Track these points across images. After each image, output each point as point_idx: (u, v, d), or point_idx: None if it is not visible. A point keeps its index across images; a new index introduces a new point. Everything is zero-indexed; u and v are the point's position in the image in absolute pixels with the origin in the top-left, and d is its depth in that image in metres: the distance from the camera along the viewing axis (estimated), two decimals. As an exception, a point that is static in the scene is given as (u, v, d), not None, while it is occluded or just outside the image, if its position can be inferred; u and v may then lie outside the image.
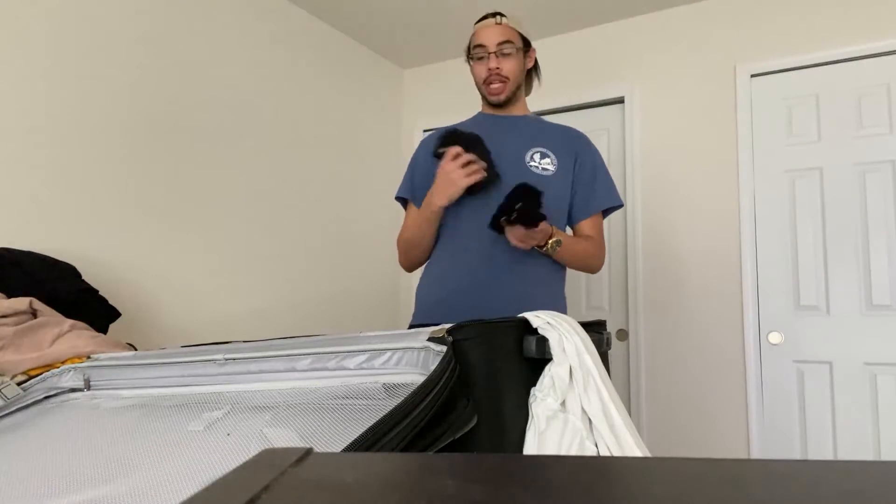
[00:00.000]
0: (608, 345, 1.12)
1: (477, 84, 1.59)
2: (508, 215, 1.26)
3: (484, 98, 1.60)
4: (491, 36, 1.51)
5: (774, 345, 2.44)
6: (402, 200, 1.69)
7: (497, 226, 1.33)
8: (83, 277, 1.67)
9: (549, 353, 0.87)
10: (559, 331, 0.88)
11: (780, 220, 2.47)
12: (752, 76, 2.54)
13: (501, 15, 1.53)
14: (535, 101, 1.70)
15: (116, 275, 1.95)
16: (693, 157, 2.63)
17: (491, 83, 1.53)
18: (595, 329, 1.04)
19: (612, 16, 2.81)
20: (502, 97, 1.55)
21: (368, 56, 3.19)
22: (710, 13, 2.64)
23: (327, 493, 0.26)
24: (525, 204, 1.24)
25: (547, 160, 1.53)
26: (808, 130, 2.45)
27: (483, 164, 1.41)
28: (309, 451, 0.31)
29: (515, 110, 1.61)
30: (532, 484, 0.26)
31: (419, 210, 1.56)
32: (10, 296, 1.42)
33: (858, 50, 2.35)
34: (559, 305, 1.56)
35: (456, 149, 1.40)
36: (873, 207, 2.31)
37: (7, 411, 1.10)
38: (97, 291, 1.66)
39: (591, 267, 1.58)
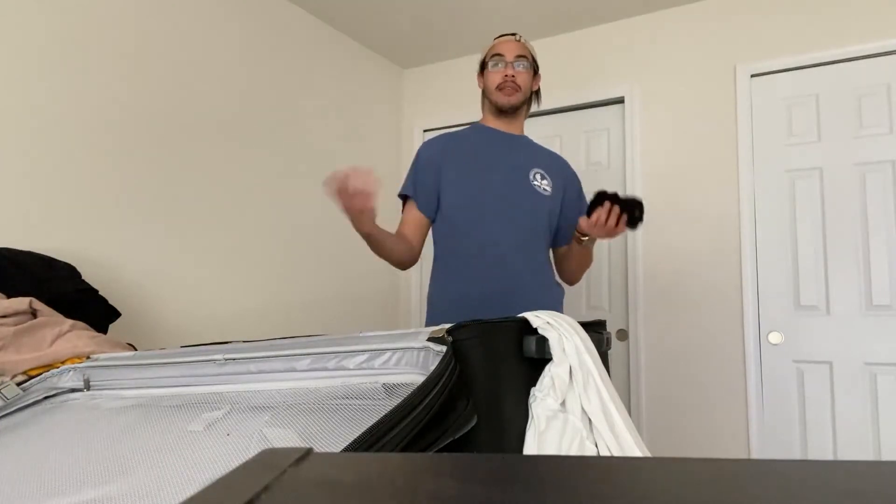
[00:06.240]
0: (608, 345, 1.12)
1: (488, 91, 1.67)
2: (624, 205, 1.40)
3: (491, 106, 1.68)
4: (510, 48, 1.64)
5: (774, 345, 2.44)
6: (403, 197, 1.73)
7: (598, 201, 1.43)
8: (83, 277, 1.67)
9: (549, 353, 0.87)
10: (559, 331, 0.88)
11: (780, 220, 2.47)
12: (752, 76, 2.54)
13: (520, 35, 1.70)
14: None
15: (116, 275, 1.95)
16: (693, 158, 2.63)
17: (504, 88, 1.63)
18: (595, 329, 1.04)
19: (613, 16, 2.81)
20: (513, 100, 1.64)
21: (368, 56, 3.19)
22: (710, 13, 2.64)
23: (327, 493, 0.26)
24: (638, 212, 1.41)
25: (546, 181, 1.66)
26: (808, 130, 2.44)
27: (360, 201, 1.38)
28: (309, 451, 0.31)
29: (515, 128, 1.70)
30: (532, 484, 0.26)
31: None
32: (10, 296, 1.41)
33: (858, 50, 2.35)
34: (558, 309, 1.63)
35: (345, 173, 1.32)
36: (873, 207, 2.31)
37: (7, 411, 1.10)
38: (97, 291, 1.66)
39: (579, 276, 1.74)
